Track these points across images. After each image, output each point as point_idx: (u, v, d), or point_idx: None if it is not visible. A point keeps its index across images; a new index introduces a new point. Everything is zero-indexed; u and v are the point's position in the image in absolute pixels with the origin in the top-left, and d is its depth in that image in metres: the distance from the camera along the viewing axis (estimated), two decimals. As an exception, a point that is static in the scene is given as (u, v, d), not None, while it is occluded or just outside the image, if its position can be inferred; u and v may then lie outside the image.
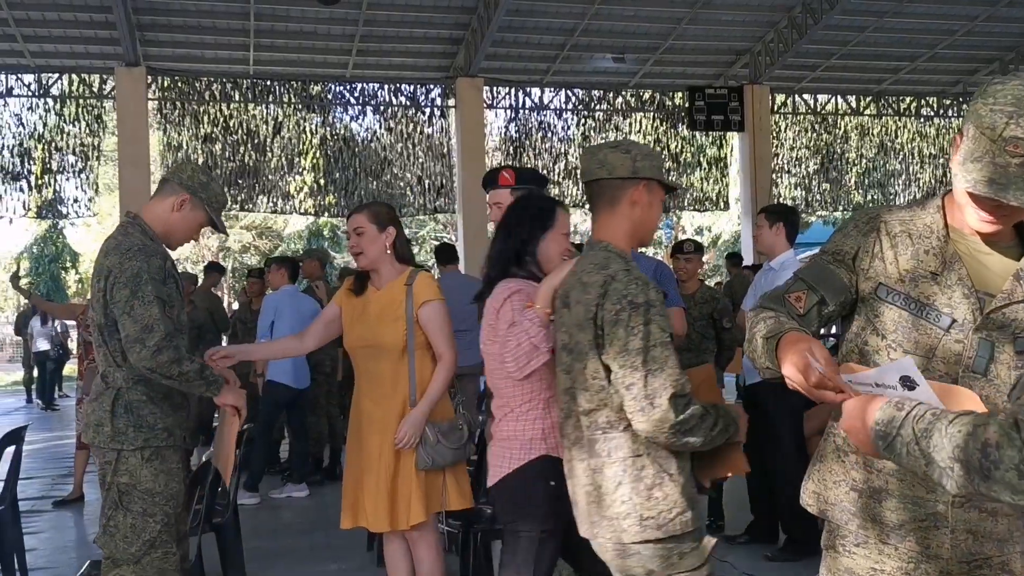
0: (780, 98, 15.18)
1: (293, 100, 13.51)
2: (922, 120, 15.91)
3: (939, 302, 1.82)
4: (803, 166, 15.40)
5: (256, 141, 13.36)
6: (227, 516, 4.33)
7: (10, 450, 4.69)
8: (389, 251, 3.48)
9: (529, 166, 14.10)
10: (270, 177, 13.50)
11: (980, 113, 1.66)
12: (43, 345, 15.27)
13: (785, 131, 15.29)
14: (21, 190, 12.65)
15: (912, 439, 1.46)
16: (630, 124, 14.83)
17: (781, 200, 14.21)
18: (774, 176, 14.79)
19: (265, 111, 13.45)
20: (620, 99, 14.72)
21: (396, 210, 3.75)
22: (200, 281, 9.60)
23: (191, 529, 3.70)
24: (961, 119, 1.79)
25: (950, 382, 1.73)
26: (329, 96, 13.70)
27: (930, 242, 1.86)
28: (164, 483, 2.98)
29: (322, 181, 13.72)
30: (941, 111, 15.90)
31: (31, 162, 12.63)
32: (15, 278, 8.68)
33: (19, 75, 12.52)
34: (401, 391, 3.41)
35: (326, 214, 14.53)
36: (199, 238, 3.29)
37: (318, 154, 13.64)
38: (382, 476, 3.36)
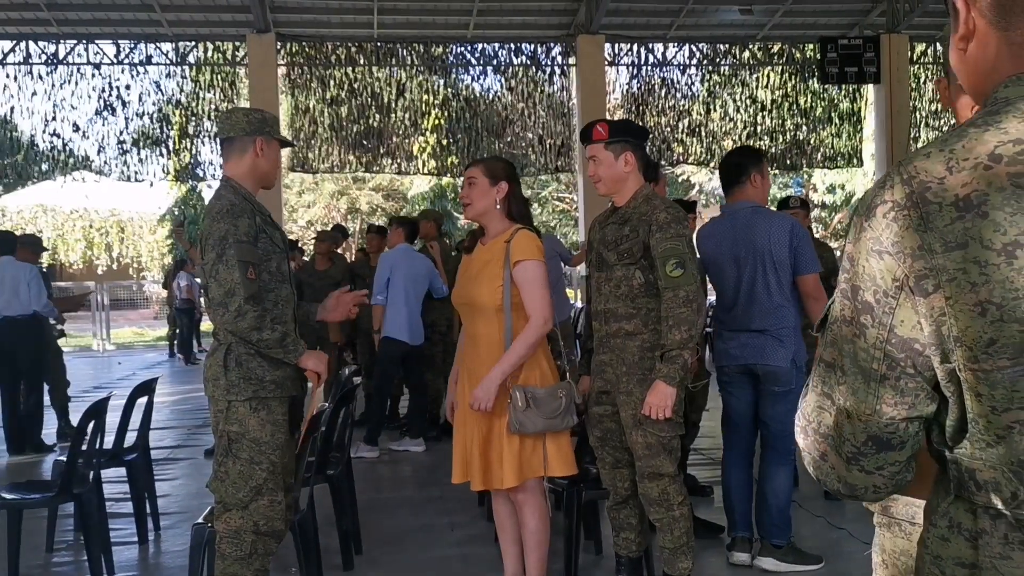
0: (920, 47, 14.34)
1: (416, 62, 13.67)
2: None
3: None
4: (944, 120, 14.55)
5: (380, 103, 13.60)
6: (340, 468, 4.47)
7: (142, 401, 4.95)
8: (499, 206, 3.39)
9: (650, 124, 13.87)
10: (394, 139, 13.74)
11: None
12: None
13: (925, 83, 14.46)
14: (161, 155, 13.29)
15: None
16: (757, 79, 14.34)
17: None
18: (913, 131, 14.03)
19: (389, 74, 13.65)
20: (747, 52, 14.23)
21: (516, 168, 3.65)
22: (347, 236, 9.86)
23: (304, 480, 3.83)
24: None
25: None
26: (451, 57, 13.78)
27: None
28: (271, 433, 3.09)
29: (445, 142, 13.86)
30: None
31: (169, 127, 13.26)
32: (179, 225, 9.22)
33: (158, 44, 13.07)
34: (497, 351, 3.32)
35: (448, 175, 14.67)
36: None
37: (440, 115, 13.77)
38: (475, 436, 3.35)
